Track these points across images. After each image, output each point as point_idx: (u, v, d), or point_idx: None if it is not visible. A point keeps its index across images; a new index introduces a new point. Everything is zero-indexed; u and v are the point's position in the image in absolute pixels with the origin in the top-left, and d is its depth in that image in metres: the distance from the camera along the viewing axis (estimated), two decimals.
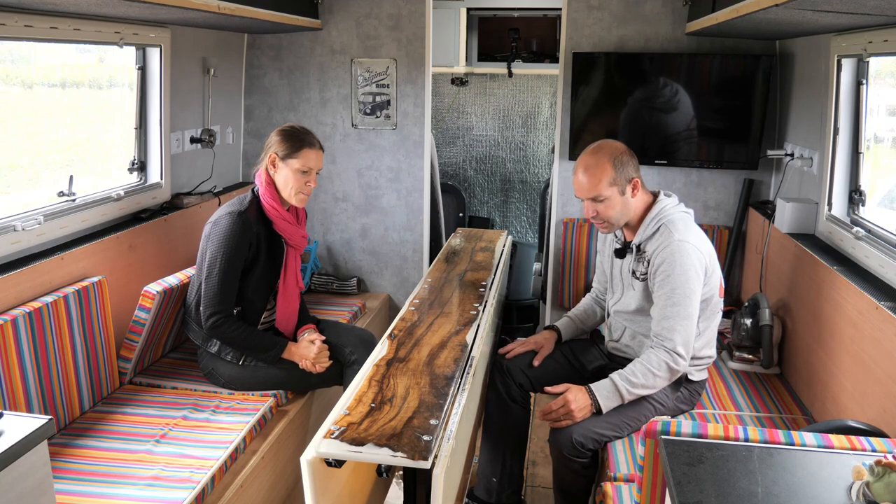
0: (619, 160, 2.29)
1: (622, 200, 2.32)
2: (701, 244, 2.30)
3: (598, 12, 3.60)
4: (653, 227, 2.34)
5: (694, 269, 2.25)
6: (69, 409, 2.41)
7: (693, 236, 2.29)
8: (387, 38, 3.79)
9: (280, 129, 2.63)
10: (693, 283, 2.24)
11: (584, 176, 2.30)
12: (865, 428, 1.93)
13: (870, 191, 2.64)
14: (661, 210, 2.35)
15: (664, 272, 2.26)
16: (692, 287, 2.24)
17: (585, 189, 2.31)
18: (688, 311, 2.24)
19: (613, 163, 2.29)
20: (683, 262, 2.24)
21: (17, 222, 2.35)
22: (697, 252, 2.26)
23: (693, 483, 1.42)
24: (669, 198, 2.40)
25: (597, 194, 2.30)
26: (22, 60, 2.64)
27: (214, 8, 2.51)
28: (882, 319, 2.09)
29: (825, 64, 2.73)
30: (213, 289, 2.51)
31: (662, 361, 2.24)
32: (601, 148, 2.33)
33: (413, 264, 4.04)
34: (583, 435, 2.23)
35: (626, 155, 2.32)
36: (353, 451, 1.59)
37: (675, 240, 2.26)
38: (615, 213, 2.33)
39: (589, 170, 2.30)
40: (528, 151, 5.54)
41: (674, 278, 2.24)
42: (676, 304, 2.23)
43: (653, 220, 2.34)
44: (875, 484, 1.36)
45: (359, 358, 2.57)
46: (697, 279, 2.25)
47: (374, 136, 3.92)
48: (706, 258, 2.29)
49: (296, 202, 2.61)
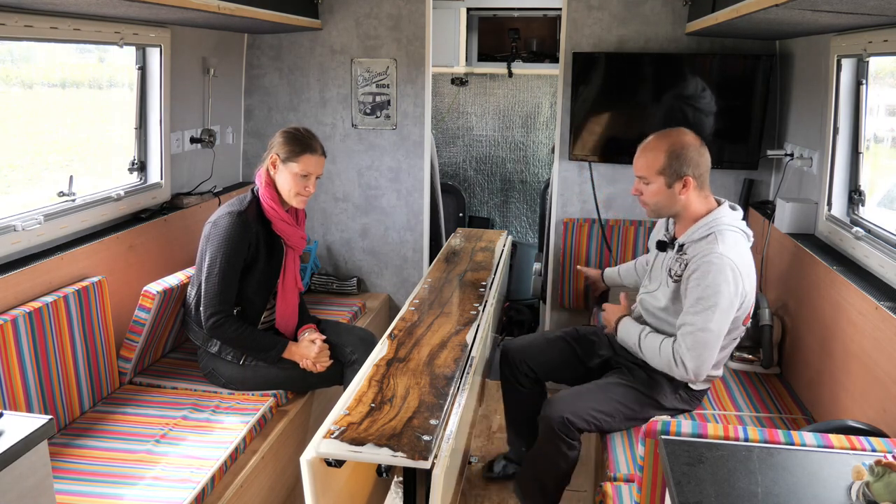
0: (677, 153, 2.26)
1: (667, 193, 2.29)
2: (743, 266, 2.21)
3: (598, 12, 3.60)
4: (702, 233, 2.27)
5: (727, 284, 2.16)
6: (69, 409, 2.41)
7: (737, 255, 2.20)
8: (387, 38, 3.79)
9: (285, 130, 2.62)
10: (722, 298, 2.16)
11: (640, 154, 2.34)
12: (865, 428, 1.93)
13: (870, 191, 2.64)
14: (717, 219, 2.27)
15: (696, 279, 2.19)
16: (717, 302, 2.16)
17: (638, 166, 2.34)
18: (707, 324, 2.16)
19: (670, 153, 2.26)
20: (717, 275, 2.16)
21: (17, 222, 2.35)
22: (736, 272, 2.17)
23: (693, 483, 1.41)
24: (734, 211, 2.33)
25: (644, 175, 2.32)
26: (22, 60, 2.64)
27: (214, 8, 2.51)
28: (882, 319, 2.09)
29: (825, 64, 2.73)
30: (212, 289, 2.51)
31: (670, 356, 2.22)
32: (669, 134, 2.32)
33: (413, 264, 4.04)
34: (574, 413, 2.25)
35: (689, 150, 2.27)
36: (353, 451, 1.59)
37: (717, 252, 2.18)
38: (656, 200, 2.33)
39: (646, 151, 2.32)
40: (528, 151, 5.54)
41: (703, 287, 2.17)
42: (698, 312, 2.17)
43: (704, 226, 2.27)
44: (875, 484, 1.36)
45: (359, 357, 2.57)
46: (728, 297, 2.17)
47: (374, 136, 3.92)
48: (744, 282, 2.20)
49: (295, 203, 2.61)
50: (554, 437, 2.26)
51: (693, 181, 2.27)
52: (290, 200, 2.60)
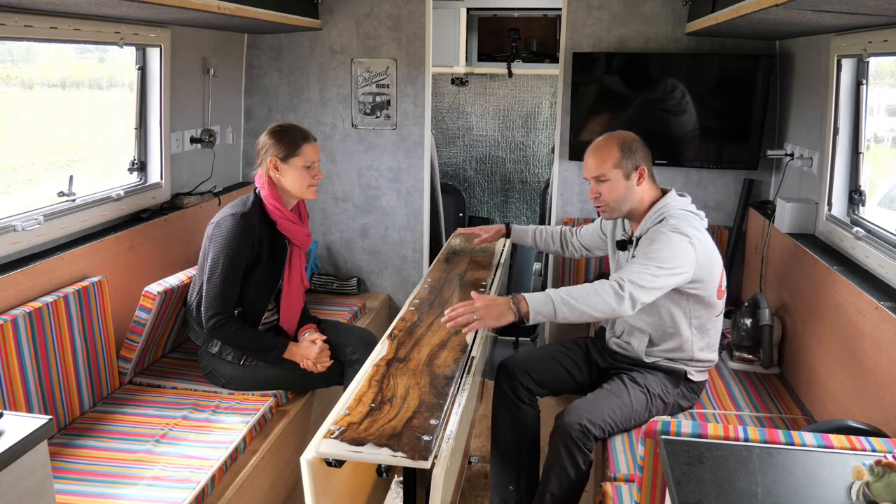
0: (628, 146, 2.33)
1: (626, 185, 2.33)
2: (697, 240, 2.23)
3: (598, 12, 3.60)
4: (654, 219, 2.32)
5: (682, 248, 2.18)
6: (69, 409, 2.41)
7: (690, 230, 2.25)
8: (387, 38, 3.79)
9: (269, 131, 2.61)
10: (674, 257, 2.16)
11: (592, 155, 2.36)
12: (865, 428, 1.93)
13: (870, 191, 2.64)
14: (666, 204, 2.33)
15: (646, 243, 2.23)
16: (663, 256, 2.15)
17: (591, 168, 2.35)
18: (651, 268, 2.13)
19: (622, 146, 2.32)
20: (670, 239, 2.19)
21: (17, 222, 2.35)
22: (687, 242, 2.20)
23: (693, 483, 1.42)
24: (682, 197, 2.38)
25: (601, 173, 2.33)
26: (22, 60, 2.64)
27: (214, 8, 2.51)
28: (882, 319, 2.09)
29: (825, 64, 2.73)
30: (214, 290, 2.51)
31: (607, 284, 2.12)
32: (613, 133, 2.39)
33: (413, 264, 4.04)
34: (591, 420, 2.23)
35: (636, 143, 2.35)
36: (353, 451, 1.59)
37: (669, 225, 2.24)
38: (616, 196, 2.34)
39: (597, 150, 2.36)
40: (528, 151, 5.54)
41: (651, 249, 2.19)
42: (642, 262, 2.16)
43: (656, 212, 2.33)
44: (875, 484, 1.36)
45: (360, 357, 2.57)
46: (678, 258, 2.17)
47: (374, 136, 3.92)
48: (699, 254, 2.23)
49: (310, 195, 2.63)
50: (571, 446, 2.21)
51: (646, 170, 2.35)
52: (303, 194, 2.62)
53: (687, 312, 2.36)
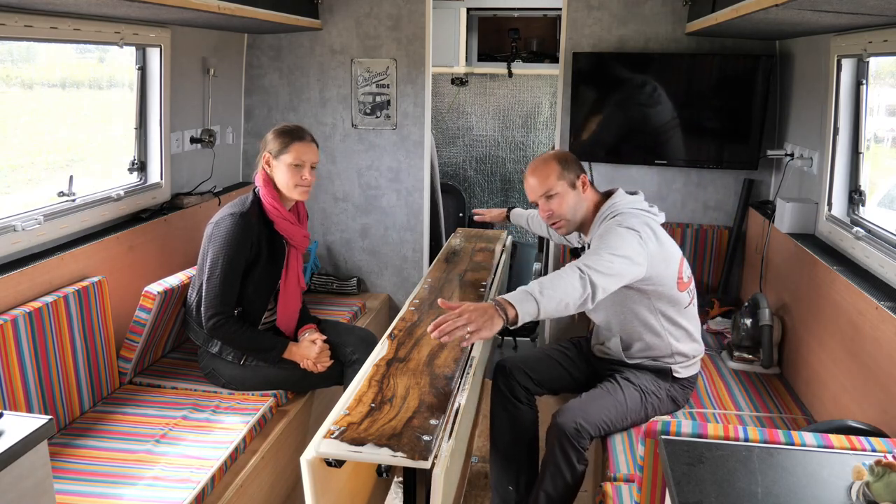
0: (563, 158, 2.39)
1: (574, 194, 2.36)
2: (645, 234, 2.21)
3: (598, 12, 3.60)
4: (602, 220, 2.33)
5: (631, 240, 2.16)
6: (69, 409, 2.41)
7: (639, 225, 2.23)
8: (387, 38, 3.79)
9: (274, 128, 2.65)
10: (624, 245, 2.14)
11: (533, 176, 2.39)
12: (865, 428, 1.93)
13: (870, 191, 2.64)
14: (613, 204, 2.34)
15: (598, 238, 2.24)
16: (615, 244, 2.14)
17: (536, 188, 2.38)
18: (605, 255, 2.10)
19: (558, 160, 2.38)
20: (619, 232, 2.19)
21: (17, 222, 2.35)
22: (636, 236, 2.18)
23: (693, 483, 1.42)
24: (633, 195, 2.38)
25: (547, 189, 2.35)
26: (22, 60, 2.64)
27: (214, 8, 2.51)
28: (882, 319, 2.09)
29: (825, 64, 2.73)
30: (214, 290, 2.51)
31: (570, 267, 2.08)
32: (545, 154, 2.46)
33: (413, 264, 4.04)
34: (586, 419, 2.23)
35: (569, 155, 2.44)
36: (353, 451, 1.59)
37: (616, 221, 2.26)
38: (568, 207, 2.36)
39: (536, 170, 2.39)
40: (528, 151, 5.53)
41: (604, 239, 2.19)
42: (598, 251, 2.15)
43: (603, 214, 2.34)
44: (875, 484, 1.36)
45: (360, 357, 2.57)
46: (629, 248, 2.14)
47: (374, 136, 3.92)
48: (650, 248, 2.21)
49: (297, 196, 2.61)
50: (566, 445, 2.22)
51: (587, 178, 2.39)
52: (290, 194, 2.60)
53: (652, 309, 2.36)
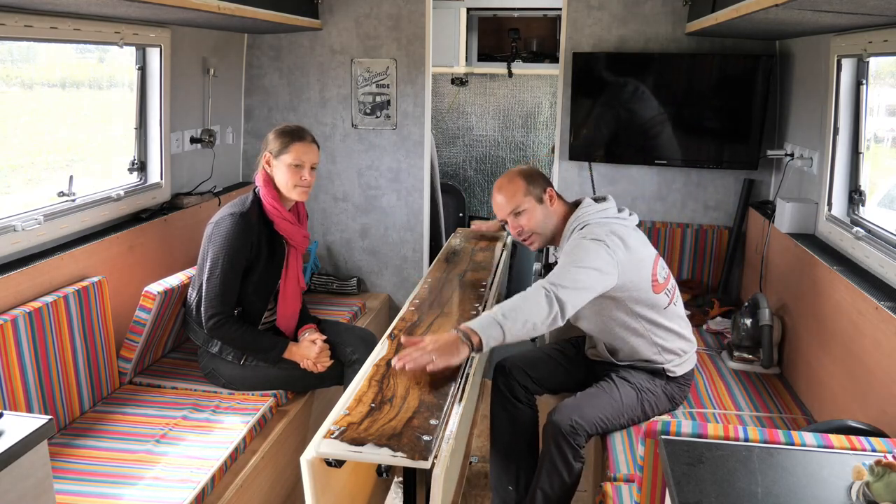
0: (528, 174, 2.40)
1: (542, 209, 2.37)
2: (612, 243, 2.20)
3: (598, 12, 3.60)
4: (570, 232, 2.34)
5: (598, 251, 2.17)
6: (69, 409, 2.41)
7: (605, 235, 2.22)
8: (387, 38, 3.79)
9: (275, 128, 2.65)
10: (591, 258, 2.16)
11: (500, 194, 2.40)
12: (865, 428, 1.92)
13: (870, 191, 2.64)
14: (580, 215, 2.34)
15: (564, 254, 2.25)
16: (582, 257, 2.16)
17: (504, 205, 2.39)
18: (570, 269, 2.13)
19: (523, 176, 2.39)
20: (585, 245, 2.20)
21: (17, 222, 2.35)
22: (603, 246, 2.18)
23: (693, 483, 1.41)
24: (599, 203, 2.36)
25: (515, 206, 2.36)
26: (22, 60, 2.64)
27: (214, 8, 2.51)
28: (882, 319, 2.09)
29: (825, 64, 2.73)
30: (214, 290, 2.51)
31: (535, 287, 2.10)
32: (510, 171, 2.46)
33: (413, 264, 4.04)
34: (582, 417, 2.24)
35: (534, 170, 2.44)
36: (353, 451, 1.59)
37: (582, 234, 2.26)
38: (538, 222, 2.37)
39: (502, 188, 2.41)
40: (528, 151, 5.54)
41: (569, 253, 2.21)
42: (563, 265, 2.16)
43: (571, 226, 2.34)
44: (875, 484, 1.36)
45: (360, 357, 2.57)
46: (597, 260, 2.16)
47: (374, 136, 3.92)
48: (619, 257, 2.20)
49: (296, 196, 2.61)
50: (562, 443, 2.22)
51: (554, 192, 2.40)
52: (289, 194, 2.60)
53: (631, 314, 2.34)
